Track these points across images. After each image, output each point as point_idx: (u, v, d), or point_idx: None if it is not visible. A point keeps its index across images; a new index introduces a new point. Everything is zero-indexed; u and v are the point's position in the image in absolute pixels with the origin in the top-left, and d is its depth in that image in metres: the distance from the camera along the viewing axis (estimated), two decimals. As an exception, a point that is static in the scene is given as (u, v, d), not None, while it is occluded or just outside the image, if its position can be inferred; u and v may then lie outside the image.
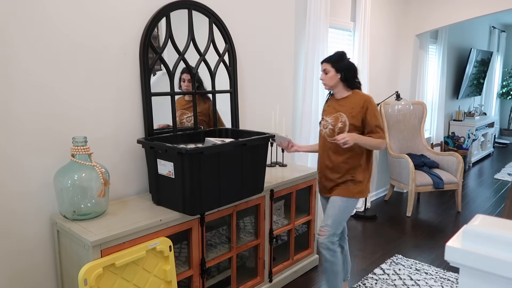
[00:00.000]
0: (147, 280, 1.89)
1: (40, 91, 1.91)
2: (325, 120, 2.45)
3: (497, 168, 6.54)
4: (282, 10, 3.21)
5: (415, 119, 4.90)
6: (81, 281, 1.62)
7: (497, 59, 8.28)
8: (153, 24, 2.28)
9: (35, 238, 1.96)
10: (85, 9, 2.03)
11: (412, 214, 4.30)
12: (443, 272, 3.05)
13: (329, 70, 2.38)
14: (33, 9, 1.85)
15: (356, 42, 4.07)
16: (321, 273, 3.04)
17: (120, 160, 2.27)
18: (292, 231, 2.86)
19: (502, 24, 8.36)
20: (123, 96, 2.24)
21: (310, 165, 3.48)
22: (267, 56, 3.13)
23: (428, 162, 4.55)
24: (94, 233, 1.76)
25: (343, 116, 2.36)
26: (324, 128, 2.45)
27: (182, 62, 2.45)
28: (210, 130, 2.60)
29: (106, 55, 2.14)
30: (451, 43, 6.25)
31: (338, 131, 2.36)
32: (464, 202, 4.77)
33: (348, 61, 2.40)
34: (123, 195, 2.30)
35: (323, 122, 2.47)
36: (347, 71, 2.36)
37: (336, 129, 2.37)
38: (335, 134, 2.35)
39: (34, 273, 1.98)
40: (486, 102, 8.21)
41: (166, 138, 2.31)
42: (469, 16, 4.50)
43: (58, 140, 1.99)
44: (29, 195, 1.92)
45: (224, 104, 2.77)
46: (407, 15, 4.90)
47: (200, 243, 2.18)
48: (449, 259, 1.22)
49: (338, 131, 2.36)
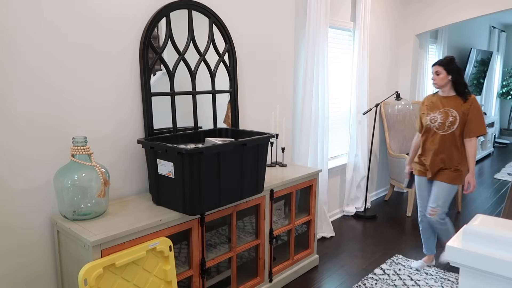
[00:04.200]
0: (147, 280, 1.89)
1: (40, 91, 1.91)
2: (432, 115, 2.88)
3: (497, 168, 6.54)
4: (282, 10, 3.21)
5: (415, 119, 4.90)
6: (81, 281, 1.62)
7: (497, 59, 8.28)
8: (153, 24, 2.28)
9: (35, 238, 1.96)
10: (85, 9, 2.03)
11: (412, 214, 4.30)
12: (443, 272, 3.05)
13: (440, 72, 2.82)
14: (33, 9, 1.85)
15: (356, 42, 4.07)
16: (321, 273, 3.04)
17: (120, 160, 2.27)
18: (292, 231, 2.86)
19: (502, 24, 8.36)
20: (123, 96, 2.24)
21: (310, 165, 3.48)
22: (267, 56, 3.13)
23: (428, 162, 4.54)
24: (94, 233, 1.76)
25: (453, 112, 2.81)
26: (432, 122, 2.88)
27: (182, 62, 2.45)
28: (210, 130, 2.60)
29: (106, 55, 2.14)
30: (451, 43, 6.25)
31: (448, 124, 2.81)
32: (464, 202, 4.77)
33: (457, 65, 2.83)
34: (123, 195, 2.30)
35: (429, 118, 2.89)
36: (457, 73, 2.81)
37: (447, 122, 2.82)
38: (445, 127, 2.82)
39: (34, 273, 1.98)
40: (486, 102, 8.21)
41: (166, 138, 2.31)
42: (469, 16, 4.50)
43: (58, 140, 1.99)
44: (29, 195, 1.92)
45: (224, 104, 2.77)
46: (407, 15, 4.91)
47: (200, 243, 2.18)
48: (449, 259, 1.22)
49: (449, 124, 2.81)
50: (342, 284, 2.89)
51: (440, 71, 2.82)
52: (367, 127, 4.26)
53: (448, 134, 2.82)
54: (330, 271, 3.07)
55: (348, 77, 4.21)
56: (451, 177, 2.86)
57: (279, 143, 3.12)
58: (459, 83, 2.82)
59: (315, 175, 2.96)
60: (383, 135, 4.82)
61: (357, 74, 4.08)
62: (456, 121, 2.79)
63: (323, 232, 3.64)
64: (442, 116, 2.83)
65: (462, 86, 2.83)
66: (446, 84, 2.84)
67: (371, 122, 4.48)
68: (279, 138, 3.05)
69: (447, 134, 2.82)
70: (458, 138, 2.82)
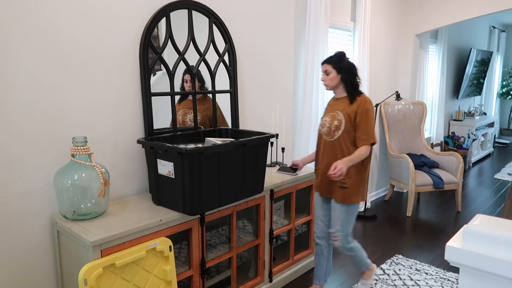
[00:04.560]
0: (147, 280, 1.89)
1: (40, 91, 1.91)
2: (323, 119, 2.51)
3: (497, 168, 6.54)
4: (282, 10, 3.21)
5: (415, 119, 4.90)
6: (81, 281, 1.62)
7: (497, 59, 8.28)
8: (153, 24, 2.28)
9: (35, 238, 1.96)
10: (85, 9, 2.03)
11: (412, 214, 4.30)
12: (443, 272, 3.05)
13: (330, 71, 2.41)
14: (34, 9, 1.85)
15: (356, 42, 4.07)
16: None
17: (120, 160, 2.27)
18: (292, 231, 2.86)
19: (502, 24, 8.36)
20: (123, 96, 2.24)
21: (310, 165, 3.48)
22: (267, 56, 3.13)
23: (428, 162, 4.55)
24: (94, 233, 1.76)
25: (339, 114, 2.39)
26: (322, 127, 2.49)
27: (182, 62, 2.45)
28: (210, 130, 2.60)
29: (106, 55, 2.14)
30: (451, 43, 6.25)
31: (333, 129, 2.40)
32: (464, 202, 4.77)
33: (348, 62, 2.42)
34: (123, 195, 2.30)
35: (321, 122, 2.53)
36: (348, 71, 2.40)
37: (332, 127, 2.41)
38: (331, 132, 2.41)
39: (34, 273, 1.98)
40: (486, 102, 8.21)
41: (166, 138, 2.31)
42: (469, 16, 4.50)
43: (58, 140, 1.99)
44: (29, 195, 1.92)
45: (224, 104, 2.77)
46: (407, 15, 4.90)
47: (200, 243, 2.18)
48: (449, 259, 1.22)
49: (334, 129, 2.40)
50: (342, 284, 2.89)
51: (329, 70, 2.40)
52: (367, 127, 4.25)
53: (334, 142, 2.39)
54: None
55: (348, 77, 4.21)
56: (342, 195, 2.40)
57: (279, 143, 3.12)
58: (350, 83, 2.40)
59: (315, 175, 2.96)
60: (383, 135, 4.82)
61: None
62: (341, 125, 2.36)
63: (323, 232, 3.64)
64: (329, 119, 2.43)
65: (352, 87, 2.40)
66: (338, 85, 2.42)
67: (371, 122, 4.47)
68: (279, 138, 3.05)
69: (334, 142, 2.40)
70: (347, 147, 2.36)
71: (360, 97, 2.40)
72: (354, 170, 2.39)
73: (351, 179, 2.39)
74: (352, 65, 2.43)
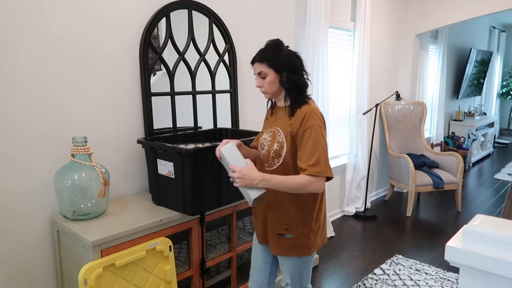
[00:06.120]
0: (147, 280, 1.89)
1: (40, 91, 1.91)
2: (262, 137, 1.77)
3: (497, 168, 6.54)
4: (282, 10, 3.21)
5: (415, 119, 4.91)
6: (81, 281, 1.62)
7: (497, 59, 8.28)
8: (153, 24, 2.28)
9: (35, 238, 1.96)
10: (85, 9, 2.03)
11: (412, 214, 4.30)
12: (443, 272, 3.05)
13: (266, 72, 1.65)
14: (33, 10, 1.85)
15: (356, 42, 4.07)
16: (321, 273, 3.04)
17: (120, 160, 2.27)
18: (292, 231, 2.86)
19: (502, 24, 8.36)
20: (123, 96, 2.24)
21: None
22: (267, 56, 3.12)
23: (428, 162, 4.55)
24: (94, 233, 1.76)
25: (280, 134, 1.66)
26: (262, 149, 1.74)
27: (182, 62, 2.45)
28: (210, 130, 2.60)
29: (106, 55, 2.14)
30: (451, 43, 6.25)
31: (273, 154, 1.67)
32: (464, 202, 4.77)
33: (288, 52, 1.67)
34: (123, 195, 2.30)
35: (260, 140, 1.78)
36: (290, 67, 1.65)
37: (271, 151, 1.68)
38: (270, 159, 1.68)
39: (34, 273, 1.98)
40: (486, 102, 8.22)
41: (166, 138, 2.31)
42: (469, 16, 4.50)
43: (58, 140, 1.99)
44: (29, 195, 1.92)
45: (224, 104, 2.77)
46: (407, 15, 4.91)
47: (200, 243, 2.18)
48: (449, 259, 1.22)
49: (273, 155, 1.67)
50: (342, 284, 2.89)
51: (265, 71, 1.64)
52: (367, 127, 4.26)
53: (274, 172, 1.66)
54: (330, 271, 3.07)
55: (348, 77, 4.22)
56: (285, 245, 1.71)
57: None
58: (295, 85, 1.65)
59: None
60: (383, 135, 4.82)
61: (357, 74, 4.08)
62: (283, 150, 1.64)
63: (323, 232, 3.64)
64: (270, 139, 1.70)
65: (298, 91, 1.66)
66: (279, 90, 1.68)
67: (371, 122, 4.48)
68: (279, 138, 3.05)
69: (273, 171, 1.66)
70: None
71: (302, 107, 1.63)
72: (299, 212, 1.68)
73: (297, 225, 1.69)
74: (295, 56, 1.69)
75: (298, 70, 1.68)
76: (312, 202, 1.69)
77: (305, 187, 1.55)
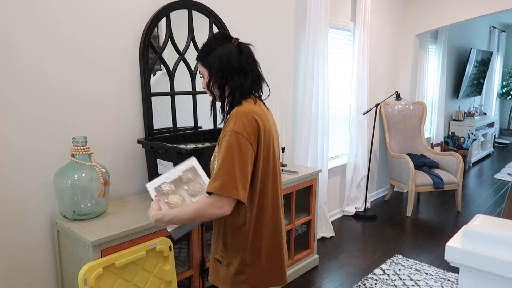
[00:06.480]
0: (147, 280, 1.89)
1: (40, 91, 1.91)
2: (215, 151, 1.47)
3: (497, 168, 6.54)
4: (282, 10, 3.21)
5: (415, 119, 4.91)
6: (81, 281, 1.62)
7: (497, 59, 8.28)
8: (153, 24, 2.28)
9: (35, 238, 1.96)
10: (85, 9, 2.03)
11: (412, 214, 4.30)
12: (443, 272, 3.05)
13: (202, 71, 1.45)
14: (33, 10, 1.85)
15: (356, 42, 4.07)
16: (321, 273, 3.04)
17: (120, 160, 2.27)
18: (292, 231, 2.86)
19: (502, 24, 8.36)
20: (123, 96, 2.24)
21: (310, 165, 3.48)
22: (267, 56, 3.13)
23: (428, 162, 4.55)
24: (94, 233, 1.76)
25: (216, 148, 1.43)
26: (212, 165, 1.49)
27: (182, 62, 2.45)
28: (210, 130, 2.60)
29: (106, 55, 2.14)
30: (451, 43, 6.25)
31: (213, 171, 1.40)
32: (464, 202, 4.77)
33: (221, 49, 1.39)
34: (123, 195, 2.30)
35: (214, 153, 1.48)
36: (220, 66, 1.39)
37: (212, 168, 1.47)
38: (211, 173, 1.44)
39: (34, 273, 1.98)
40: (486, 102, 8.21)
41: (166, 138, 2.31)
42: (469, 16, 4.50)
43: (58, 140, 1.99)
44: (29, 195, 1.92)
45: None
46: (407, 15, 4.91)
47: (200, 243, 2.17)
48: (449, 259, 1.22)
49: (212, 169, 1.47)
50: (342, 284, 2.89)
51: (201, 71, 1.45)
52: (367, 127, 4.26)
53: None
54: (330, 271, 3.07)
55: (348, 77, 4.22)
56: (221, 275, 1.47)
57: (279, 143, 3.12)
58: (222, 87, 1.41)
59: (315, 175, 2.96)
60: (383, 135, 4.82)
61: (357, 74, 4.08)
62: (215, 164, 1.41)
63: (323, 232, 3.64)
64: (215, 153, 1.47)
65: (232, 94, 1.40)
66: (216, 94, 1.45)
67: (371, 122, 4.48)
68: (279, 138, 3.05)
69: None
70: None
71: (235, 109, 1.37)
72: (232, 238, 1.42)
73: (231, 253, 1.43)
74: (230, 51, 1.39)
75: (233, 69, 1.38)
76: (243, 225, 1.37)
77: (203, 212, 1.28)
